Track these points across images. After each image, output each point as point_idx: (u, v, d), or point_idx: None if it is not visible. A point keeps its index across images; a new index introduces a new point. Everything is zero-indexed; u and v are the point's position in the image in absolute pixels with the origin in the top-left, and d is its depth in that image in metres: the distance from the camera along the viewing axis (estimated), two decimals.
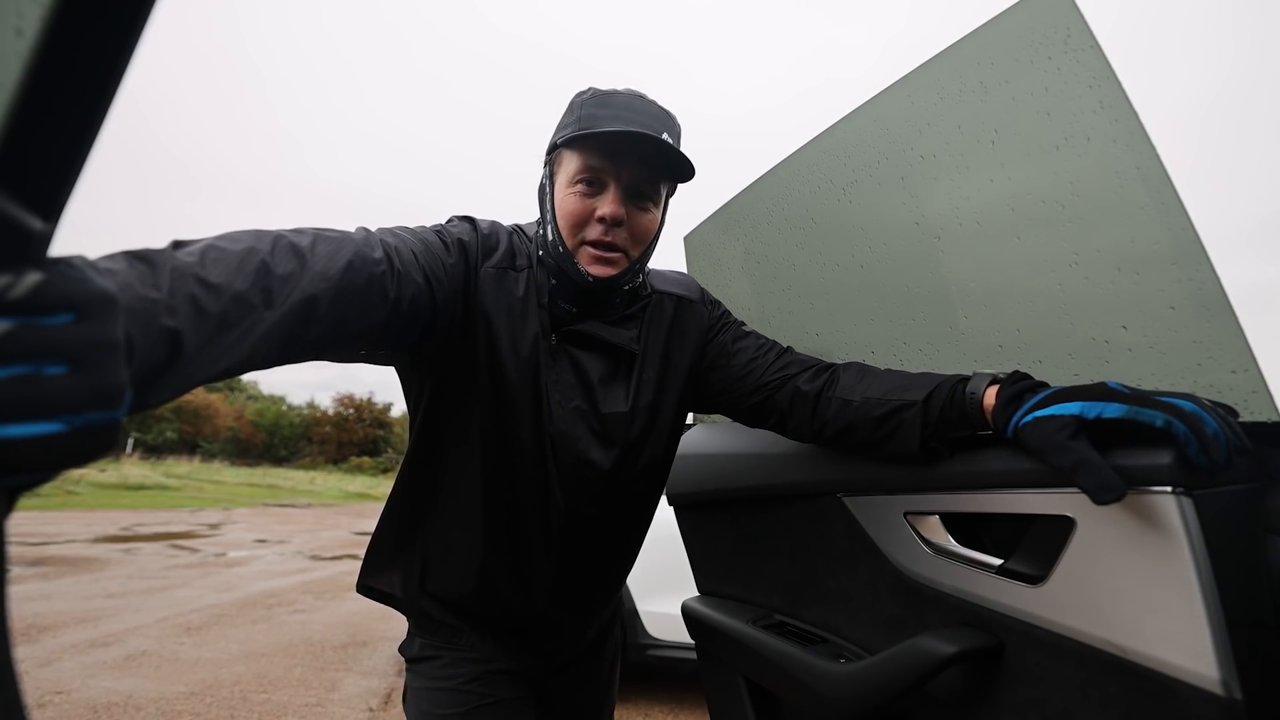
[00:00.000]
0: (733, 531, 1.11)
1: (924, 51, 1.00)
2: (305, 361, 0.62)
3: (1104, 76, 0.75)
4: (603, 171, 0.82)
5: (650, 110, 0.84)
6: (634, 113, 0.82)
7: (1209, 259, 0.68)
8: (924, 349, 0.96)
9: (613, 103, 0.83)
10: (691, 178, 0.87)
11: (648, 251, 0.89)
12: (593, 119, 0.82)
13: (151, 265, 0.44)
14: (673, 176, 0.88)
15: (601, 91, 0.85)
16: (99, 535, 8.53)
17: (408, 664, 0.98)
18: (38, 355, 0.29)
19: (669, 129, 0.84)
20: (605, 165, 0.82)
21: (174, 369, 0.43)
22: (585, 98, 0.85)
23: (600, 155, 0.82)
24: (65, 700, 2.90)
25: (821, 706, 0.85)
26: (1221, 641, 0.56)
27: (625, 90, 0.86)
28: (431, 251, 0.78)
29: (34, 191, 0.27)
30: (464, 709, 0.90)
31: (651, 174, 0.84)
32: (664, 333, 0.95)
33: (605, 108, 0.82)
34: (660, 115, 0.84)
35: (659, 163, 0.84)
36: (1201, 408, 0.59)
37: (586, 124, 0.82)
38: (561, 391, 0.88)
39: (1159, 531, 0.59)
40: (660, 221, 0.89)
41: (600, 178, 0.83)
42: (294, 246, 0.58)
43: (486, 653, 0.94)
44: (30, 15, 0.25)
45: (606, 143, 0.81)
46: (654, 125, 0.82)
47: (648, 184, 0.84)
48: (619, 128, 0.80)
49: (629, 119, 0.81)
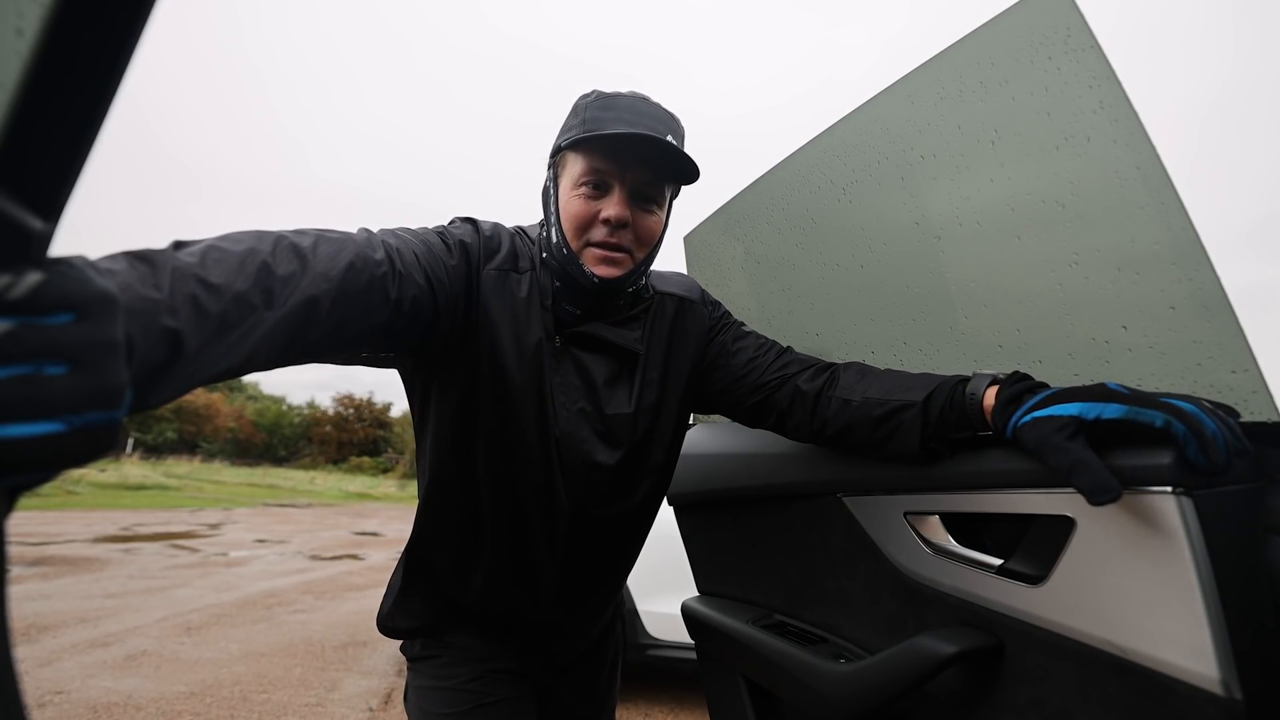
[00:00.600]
0: (733, 532, 1.11)
1: (922, 53, 1.00)
2: (306, 363, 0.62)
3: (1104, 76, 0.75)
4: (607, 174, 0.82)
5: (654, 113, 0.83)
6: (638, 115, 0.82)
7: (1209, 259, 0.68)
8: (924, 349, 0.96)
9: (617, 105, 0.83)
10: (696, 179, 0.87)
11: (652, 253, 0.89)
12: (597, 121, 0.82)
13: (152, 265, 0.44)
14: (677, 178, 0.88)
15: (605, 94, 0.85)
16: (99, 535, 8.53)
17: (409, 662, 0.98)
18: (38, 355, 0.29)
19: (673, 131, 0.84)
20: (610, 168, 0.82)
21: (174, 369, 0.43)
22: (589, 100, 0.85)
23: (605, 158, 0.82)
24: (65, 700, 2.90)
25: (821, 706, 0.85)
26: (1222, 641, 0.56)
27: (629, 92, 0.86)
28: (433, 253, 0.78)
29: (34, 191, 0.27)
30: (465, 708, 0.90)
31: (656, 176, 0.84)
32: (666, 333, 0.95)
33: (609, 110, 0.82)
34: (664, 117, 0.84)
35: (663, 165, 0.84)
36: (1201, 409, 0.59)
37: (591, 126, 0.81)
38: (566, 393, 0.87)
39: (1159, 531, 0.59)
40: (664, 223, 0.89)
41: (605, 180, 0.83)
42: (295, 247, 0.58)
43: (487, 652, 0.94)
44: (30, 15, 0.25)
45: (611, 145, 0.81)
46: (658, 128, 0.82)
47: (652, 186, 0.84)
48: (624, 130, 0.80)
49: (633, 121, 0.81)
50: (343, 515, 15.16)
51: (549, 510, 0.89)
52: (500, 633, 0.96)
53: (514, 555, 0.91)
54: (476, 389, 0.85)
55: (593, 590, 0.99)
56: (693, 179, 0.87)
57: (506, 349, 0.84)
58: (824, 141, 1.09)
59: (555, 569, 0.92)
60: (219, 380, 0.50)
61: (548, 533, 0.90)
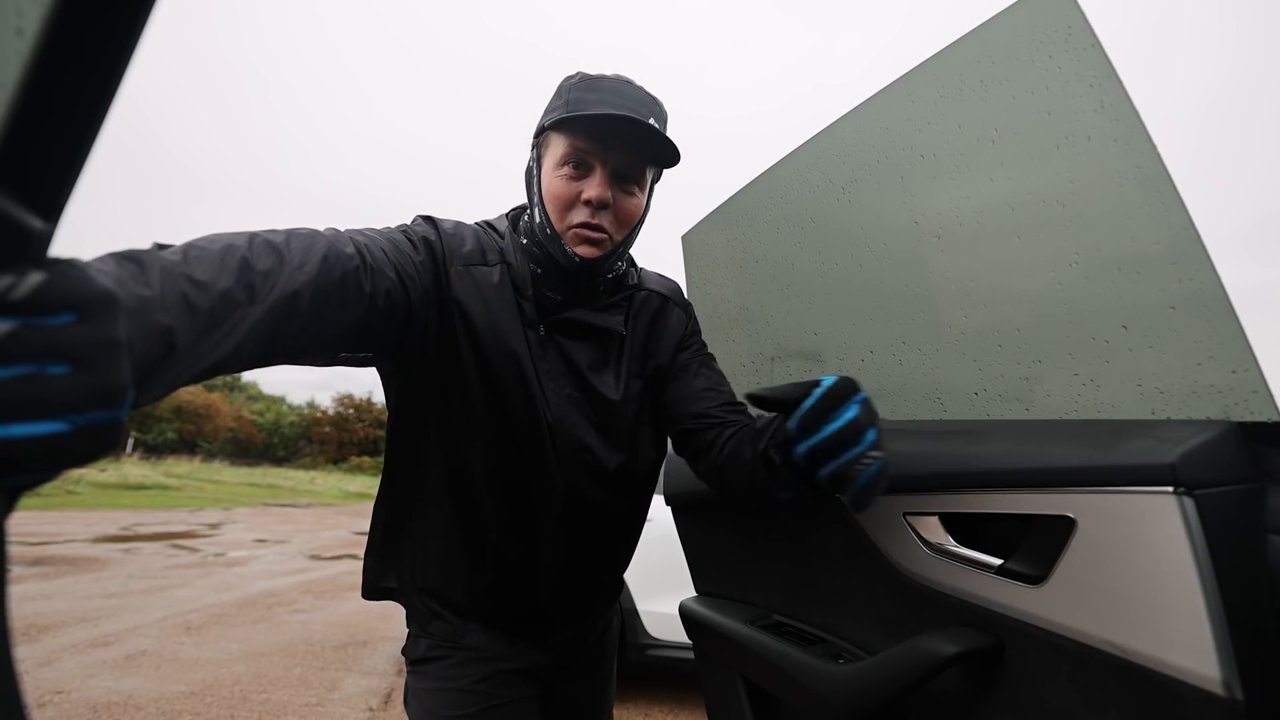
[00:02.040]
0: (731, 532, 1.11)
1: (914, 57, 1.00)
2: (286, 363, 0.63)
3: (1105, 75, 0.75)
4: (590, 154, 0.83)
5: (637, 95, 0.84)
6: (622, 97, 0.83)
7: (1209, 259, 0.68)
8: (924, 349, 0.96)
9: (600, 87, 0.84)
10: (676, 163, 0.88)
11: (632, 234, 0.90)
12: (581, 102, 0.82)
13: (140, 265, 0.44)
14: (658, 161, 0.88)
15: (589, 76, 0.86)
16: (99, 535, 8.53)
17: (411, 665, 0.98)
18: (41, 355, 0.29)
19: (655, 114, 0.84)
20: (592, 148, 0.83)
21: (166, 366, 0.44)
22: (574, 82, 0.86)
23: (588, 138, 0.82)
24: (65, 700, 2.90)
25: (820, 707, 0.85)
26: (1222, 642, 0.56)
27: (613, 75, 0.86)
28: (400, 249, 0.78)
29: (34, 191, 0.27)
30: (473, 710, 0.90)
31: (638, 158, 0.85)
32: (646, 325, 0.97)
33: (593, 92, 0.83)
34: (647, 100, 0.85)
35: (645, 147, 0.84)
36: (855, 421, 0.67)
37: (575, 107, 0.82)
38: (555, 380, 0.89)
39: (1159, 531, 0.59)
40: (645, 206, 0.90)
41: (587, 160, 0.83)
42: (270, 243, 0.59)
43: (496, 652, 0.94)
44: (30, 15, 0.25)
45: (594, 126, 0.82)
46: (641, 110, 0.83)
47: (634, 167, 0.85)
48: (608, 110, 0.80)
49: (617, 103, 0.81)
50: (343, 515, 15.15)
51: (546, 496, 0.90)
52: (508, 629, 0.96)
53: (515, 544, 0.91)
54: (461, 382, 0.85)
55: (593, 578, 1.00)
56: (674, 162, 0.88)
57: (487, 342, 0.85)
58: (823, 140, 1.09)
59: (555, 557, 0.92)
60: (205, 377, 0.50)
61: (545, 519, 0.91)
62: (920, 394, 0.94)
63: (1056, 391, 0.79)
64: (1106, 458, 0.65)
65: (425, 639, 0.96)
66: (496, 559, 0.91)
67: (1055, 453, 0.71)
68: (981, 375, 0.87)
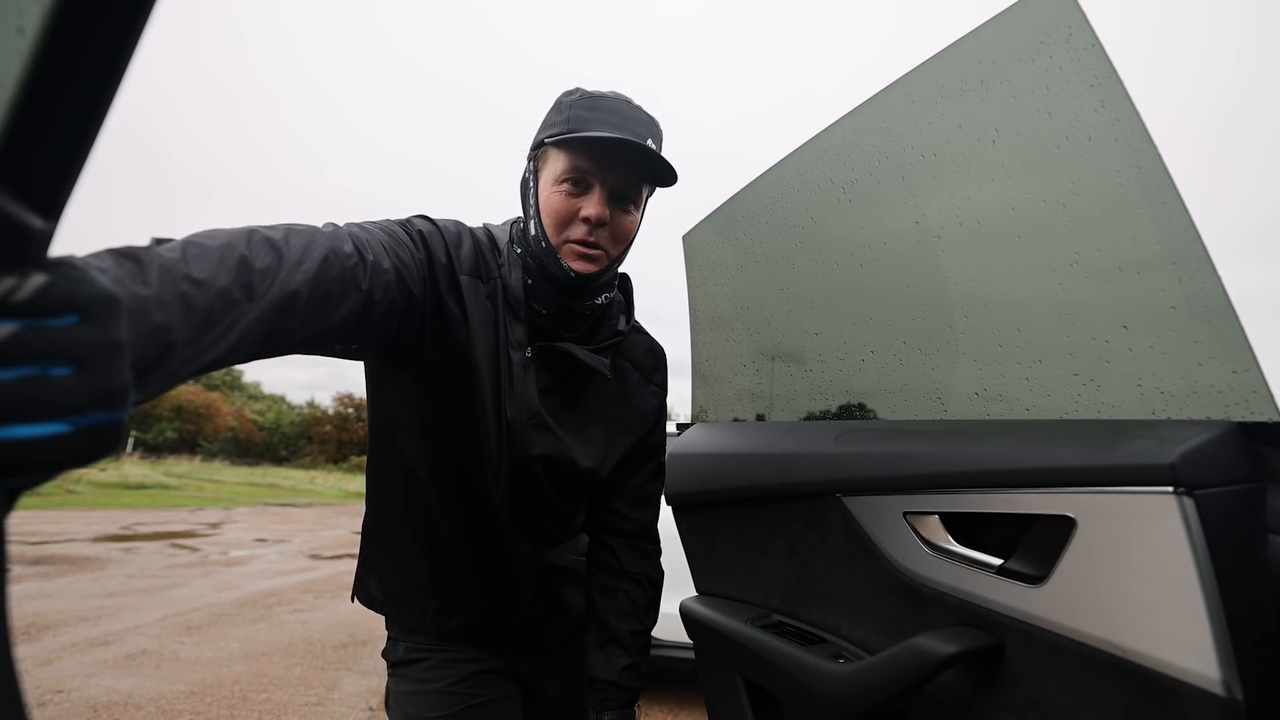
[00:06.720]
0: (731, 531, 1.11)
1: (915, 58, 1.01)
2: (284, 354, 0.63)
3: (1105, 76, 0.75)
4: (589, 173, 0.84)
5: (637, 116, 0.85)
6: (622, 118, 0.84)
7: (1210, 259, 0.68)
8: (923, 349, 0.96)
9: (601, 106, 0.85)
10: (673, 183, 0.90)
11: (625, 250, 0.92)
12: (581, 121, 0.83)
13: (139, 263, 0.44)
14: (655, 181, 0.90)
15: (589, 94, 0.86)
16: (99, 534, 8.53)
17: (391, 668, 0.98)
18: (43, 357, 0.29)
19: (653, 135, 0.86)
20: (592, 168, 0.84)
21: (163, 364, 0.43)
22: (574, 99, 0.86)
23: (588, 158, 0.84)
24: (65, 699, 2.90)
25: (820, 707, 0.85)
26: (1223, 642, 0.56)
27: (612, 94, 0.87)
28: (398, 243, 0.79)
29: (35, 190, 0.27)
30: (453, 710, 0.91)
31: (636, 179, 0.87)
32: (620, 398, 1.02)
33: (594, 110, 0.84)
34: (646, 121, 0.86)
35: (643, 168, 0.86)
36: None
37: (575, 126, 0.83)
38: (525, 404, 0.90)
39: (1159, 531, 0.59)
40: (639, 223, 0.92)
41: (586, 179, 0.84)
42: (269, 240, 0.59)
43: (476, 652, 0.95)
44: (31, 13, 0.25)
45: (594, 147, 0.83)
46: (640, 132, 0.84)
47: (631, 188, 0.87)
48: (608, 133, 0.81)
49: (617, 124, 0.83)
50: (343, 515, 15.15)
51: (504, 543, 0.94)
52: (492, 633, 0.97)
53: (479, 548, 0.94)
54: (445, 383, 0.86)
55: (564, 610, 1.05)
56: (670, 183, 0.90)
57: (476, 352, 0.86)
58: (824, 140, 1.09)
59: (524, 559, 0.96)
60: (202, 373, 0.50)
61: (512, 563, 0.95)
62: (920, 394, 0.94)
63: (1056, 391, 0.79)
64: (1107, 457, 0.65)
65: (404, 642, 0.97)
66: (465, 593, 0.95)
67: (1055, 453, 0.71)
68: (981, 375, 0.87)
